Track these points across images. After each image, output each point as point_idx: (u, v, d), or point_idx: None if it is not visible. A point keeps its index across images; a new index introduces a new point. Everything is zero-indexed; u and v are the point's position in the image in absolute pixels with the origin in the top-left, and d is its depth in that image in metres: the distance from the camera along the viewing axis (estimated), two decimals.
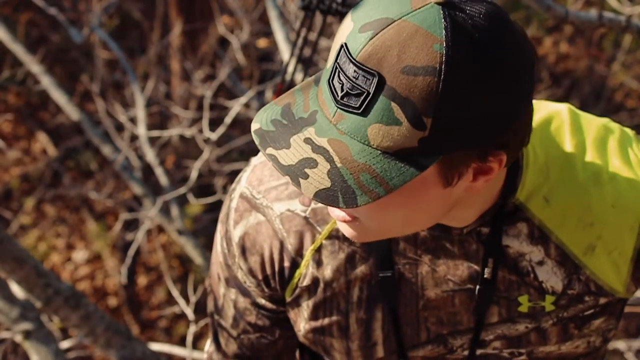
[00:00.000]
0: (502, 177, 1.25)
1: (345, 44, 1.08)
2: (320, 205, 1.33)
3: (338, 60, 1.08)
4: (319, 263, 1.34)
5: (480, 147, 1.09)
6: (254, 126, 1.12)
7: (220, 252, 1.43)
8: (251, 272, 1.38)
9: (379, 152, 1.07)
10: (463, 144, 1.07)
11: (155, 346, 3.16)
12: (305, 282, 1.36)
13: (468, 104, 1.05)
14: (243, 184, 1.39)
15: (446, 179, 1.12)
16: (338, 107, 1.08)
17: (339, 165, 1.07)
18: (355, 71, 1.06)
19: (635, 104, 6.53)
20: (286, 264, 1.36)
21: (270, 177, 1.37)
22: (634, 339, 3.93)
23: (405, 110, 1.04)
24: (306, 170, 1.07)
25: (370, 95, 1.05)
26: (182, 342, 5.00)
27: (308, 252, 1.34)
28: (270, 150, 1.09)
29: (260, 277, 1.38)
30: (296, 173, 1.07)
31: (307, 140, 1.09)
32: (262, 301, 1.42)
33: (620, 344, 3.67)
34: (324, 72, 1.12)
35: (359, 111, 1.06)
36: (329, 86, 1.09)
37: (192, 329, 2.83)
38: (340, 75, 1.08)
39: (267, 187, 1.36)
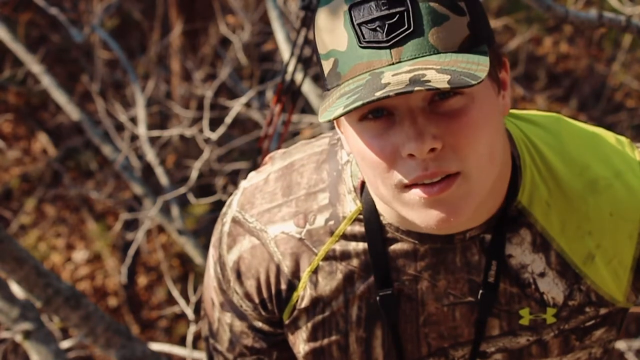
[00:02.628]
0: (506, 178, 1.25)
1: (352, 4, 1.12)
2: (315, 226, 1.32)
3: (354, 21, 1.12)
4: (316, 284, 1.33)
5: (494, 42, 1.18)
6: (337, 113, 1.10)
7: (214, 277, 1.42)
8: (247, 296, 1.37)
9: (450, 52, 1.11)
10: (489, 32, 1.17)
11: (155, 346, 3.15)
12: (304, 303, 1.35)
13: None
14: (234, 208, 1.38)
15: (495, 81, 1.18)
16: (390, 47, 1.11)
17: (439, 66, 1.09)
18: (383, 3, 1.10)
19: (635, 104, 6.53)
20: (283, 286, 1.35)
21: (262, 199, 1.36)
22: (634, 339, 3.93)
23: (444, 2, 1.11)
24: (422, 79, 1.08)
25: (410, 7, 1.10)
26: (182, 342, 4.99)
27: (305, 274, 1.33)
28: (379, 93, 1.08)
29: (257, 300, 1.37)
30: (419, 84, 1.07)
31: (396, 75, 1.09)
32: (259, 324, 1.41)
33: (620, 344, 3.67)
34: (343, 57, 1.13)
35: (412, 28, 1.10)
36: (365, 46, 1.11)
37: (192, 329, 2.83)
38: (369, 25, 1.11)
39: (260, 210, 1.35)
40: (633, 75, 6.51)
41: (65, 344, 2.93)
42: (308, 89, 3.37)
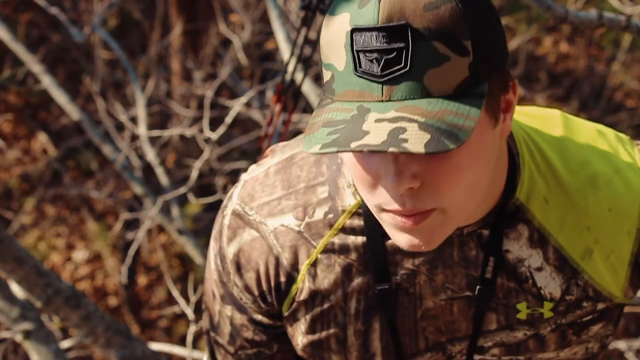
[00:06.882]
0: (504, 175, 1.25)
1: (353, 28, 1.09)
2: (314, 219, 1.32)
3: (354, 47, 1.09)
4: (315, 277, 1.34)
5: (503, 67, 1.14)
6: (314, 149, 1.08)
7: (214, 270, 1.42)
8: (247, 288, 1.38)
9: (443, 98, 1.08)
10: (496, 64, 1.13)
11: (155, 346, 3.16)
12: (302, 296, 1.35)
13: (488, 20, 1.12)
14: (235, 201, 1.38)
15: (493, 115, 1.14)
16: (383, 83, 1.09)
17: (422, 120, 1.07)
18: (384, 36, 1.08)
19: (635, 104, 6.53)
20: (282, 279, 1.35)
21: (262, 192, 1.36)
22: (634, 339, 3.93)
23: (447, 42, 1.08)
24: (401, 137, 1.06)
25: (410, 45, 1.07)
26: (182, 342, 4.99)
27: (304, 267, 1.33)
28: (354, 145, 1.06)
29: (256, 293, 1.37)
30: (395, 143, 1.05)
31: (379, 120, 1.07)
32: (259, 317, 1.41)
33: (620, 344, 3.67)
34: (338, 77, 1.12)
35: (407, 68, 1.08)
36: (360, 75, 1.09)
37: (192, 329, 2.83)
38: (367, 55, 1.09)
39: (260, 203, 1.35)
40: (633, 75, 6.52)
41: (65, 344, 2.93)
42: (308, 88, 3.37)
